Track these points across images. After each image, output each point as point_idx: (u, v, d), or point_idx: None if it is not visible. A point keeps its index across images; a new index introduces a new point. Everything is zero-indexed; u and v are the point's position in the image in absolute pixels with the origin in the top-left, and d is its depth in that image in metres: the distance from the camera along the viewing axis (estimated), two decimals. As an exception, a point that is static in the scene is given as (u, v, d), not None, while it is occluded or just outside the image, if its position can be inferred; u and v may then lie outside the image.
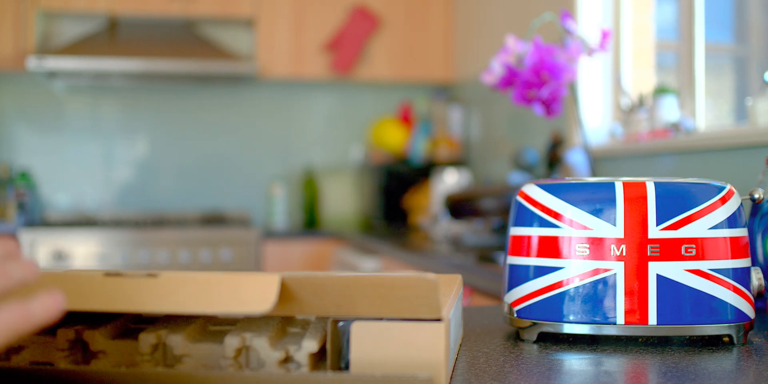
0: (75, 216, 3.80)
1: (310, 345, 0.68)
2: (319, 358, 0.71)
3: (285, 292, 0.67)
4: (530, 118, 3.06)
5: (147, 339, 0.71)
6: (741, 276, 0.92)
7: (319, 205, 3.97)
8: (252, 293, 0.65)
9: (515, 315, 0.95)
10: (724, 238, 0.91)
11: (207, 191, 3.97)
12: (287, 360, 0.69)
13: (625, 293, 0.89)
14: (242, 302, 0.64)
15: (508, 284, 0.98)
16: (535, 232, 0.94)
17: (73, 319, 0.80)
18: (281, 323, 0.76)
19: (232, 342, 0.69)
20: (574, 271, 0.91)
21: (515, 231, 0.97)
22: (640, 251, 0.89)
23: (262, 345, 0.69)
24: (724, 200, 0.91)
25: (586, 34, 1.86)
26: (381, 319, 0.69)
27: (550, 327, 0.92)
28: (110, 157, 3.90)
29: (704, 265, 0.89)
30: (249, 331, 0.71)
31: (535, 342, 0.94)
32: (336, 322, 0.70)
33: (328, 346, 0.69)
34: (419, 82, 4.00)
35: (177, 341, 0.70)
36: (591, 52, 1.80)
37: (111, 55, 3.51)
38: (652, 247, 0.89)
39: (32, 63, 3.38)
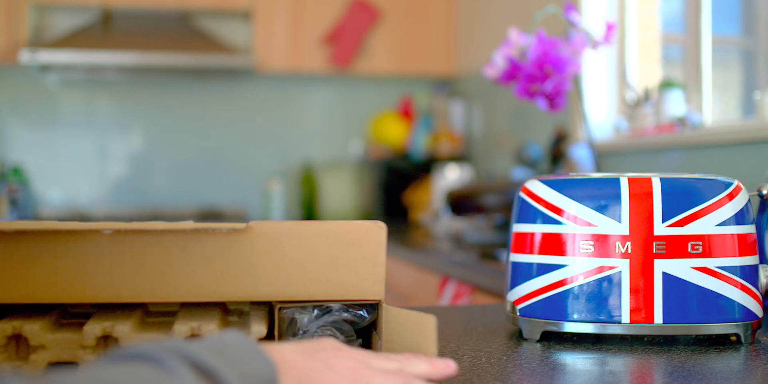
0: (68, 212, 3.80)
1: (260, 330, 0.72)
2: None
3: (250, 232, 0.72)
4: (533, 113, 3.06)
5: (92, 330, 0.71)
6: (749, 274, 0.91)
7: (317, 202, 3.97)
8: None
9: (518, 313, 0.95)
10: (732, 235, 0.90)
11: (203, 187, 3.97)
12: None
13: (631, 291, 0.89)
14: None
15: (510, 282, 0.98)
16: (538, 228, 0.94)
17: (7, 312, 0.78)
18: (221, 314, 0.78)
19: (181, 329, 0.71)
20: (578, 268, 0.91)
21: (518, 228, 0.97)
22: (645, 248, 0.89)
23: (210, 330, 0.71)
24: (731, 196, 0.91)
25: (591, 26, 1.86)
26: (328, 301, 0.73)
27: (553, 326, 0.92)
28: (104, 152, 3.90)
29: (711, 263, 0.89)
30: (194, 320, 0.73)
31: (538, 341, 0.94)
32: (282, 309, 0.74)
33: (276, 331, 0.73)
34: (420, 76, 3.99)
35: (124, 331, 0.71)
36: (595, 45, 1.80)
37: (105, 48, 3.51)
38: (657, 245, 0.89)
39: (25, 56, 3.38)
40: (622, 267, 0.89)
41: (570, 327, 0.91)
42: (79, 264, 0.71)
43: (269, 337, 0.75)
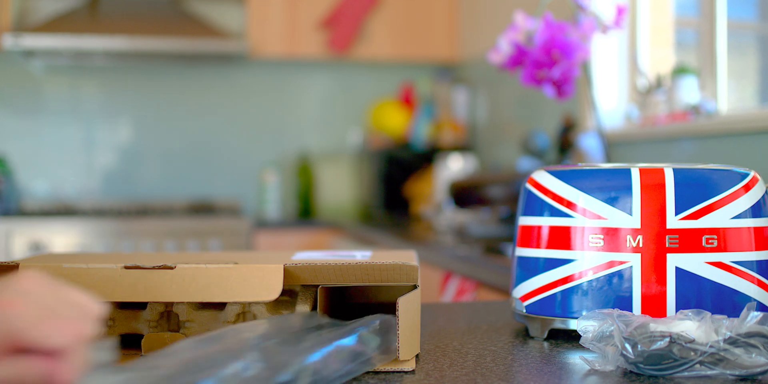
0: (54, 205, 3.80)
1: (303, 309, 0.83)
2: None
3: (287, 275, 0.82)
4: (540, 100, 3.05)
5: (155, 307, 0.85)
6: (766, 269, 0.91)
7: (314, 193, 3.97)
8: (260, 283, 0.80)
9: (524, 310, 0.95)
10: (748, 228, 0.90)
11: (194, 178, 3.97)
12: None
13: (642, 287, 0.89)
14: (253, 292, 0.80)
15: (516, 278, 0.97)
16: (545, 221, 0.94)
17: None
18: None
19: (233, 308, 0.84)
20: (587, 263, 0.90)
21: (524, 221, 0.97)
22: (657, 242, 0.89)
23: (260, 310, 0.84)
24: (747, 188, 0.91)
25: (601, 10, 1.86)
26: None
27: (561, 323, 0.92)
28: (91, 141, 3.90)
29: (726, 257, 0.89)
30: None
31: (545, 339, 0.94)
32: (325, 288, 0.85)
33: (319, 310, 0.84)
34: (422, 62, 3.99)
35: (182, 308, 0.85)
36: (605, 29, 1.79)
37: (92, 32, 3.50)
38: (670, 238, 0.89)
39: (8, 41, 3.37)
40: (633, 262, 0.89)
41: (578, 324, 0.91)
42: None
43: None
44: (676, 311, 0.88)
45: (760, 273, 0.90)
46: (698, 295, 0.88)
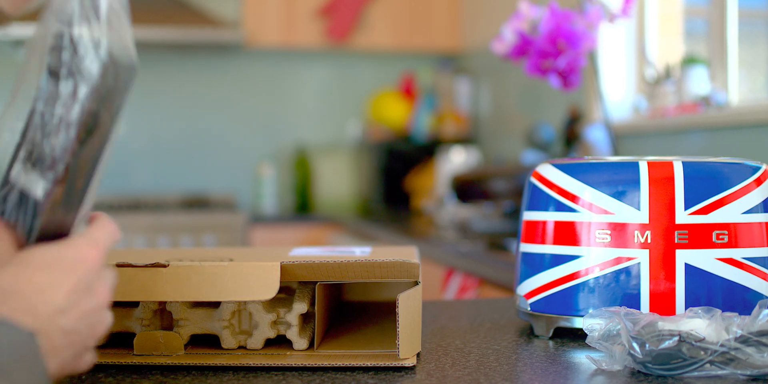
0: (44, 199, 3.79)
1: (300, 307, 0.83)
2: (305, 319, 0.86)
3: (284, 272, 0.81)
4: (545, 91, 3.05)
5: (148, 305, 0.84)
6: (778, 265, 0.91)
7: (312, 187, 3.96)
8: (256, 281, 0.80)
9: (529, 308, 0.95)
10: (760, 223, 0.90)
11: (188, 172, 3.96)
12: (278, 322, 0.84)
13: (650, 284, 0.89)
14: (249, 291, 0.80)
15: (521, 274, 0.97)
16: (550, 216, 0.93)
17: None
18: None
19: (228, 306, 0.84)
20: (593, 260, 0.90)
21: (529, 216, 0.97)
22: (666, 238, 0.89)
23: (257, 308, 0.84)
24: (759, 181, 0.91)
25: (608, -3, 1.85)
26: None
27: (566, 321, 0.92)
28: (82, 134, 3.89)
29: (737, 254, 0.89)
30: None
31: (550, 338, 0.94)
32: (323, 285, 0.86)
33: (317, 308, 0.84)
34: (423, 51, 3.98)
35: (176, 306, 0.84)
36: (612, 18, 1.79)
37: (82, 21, 3.49)
38: (679, 234, 0.88)
39: (-5, 30, 3.37)
40: (641, 258, 0.89)
41: (584, 323, 0.91)
42: None
43: (310, 314, 0.86)
44: (686, 309, 0.88)
45: (772, 269, 0.90)
46: (708, 292, 0.88)
